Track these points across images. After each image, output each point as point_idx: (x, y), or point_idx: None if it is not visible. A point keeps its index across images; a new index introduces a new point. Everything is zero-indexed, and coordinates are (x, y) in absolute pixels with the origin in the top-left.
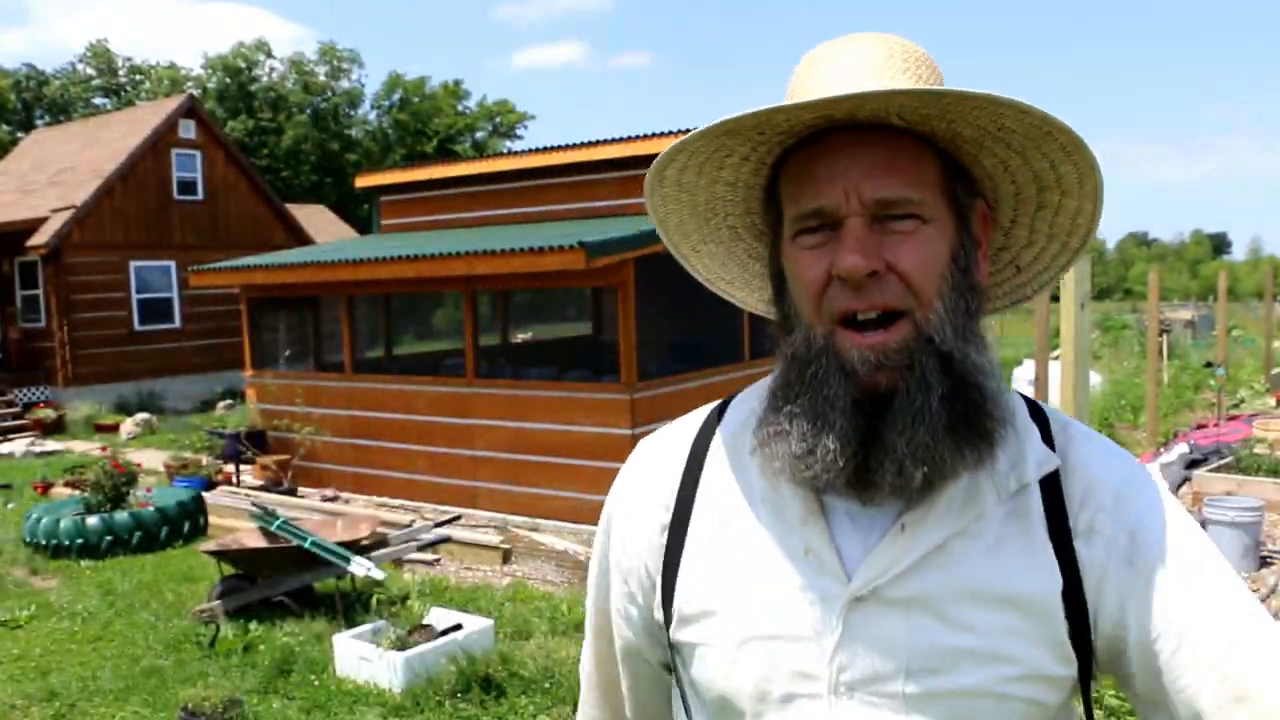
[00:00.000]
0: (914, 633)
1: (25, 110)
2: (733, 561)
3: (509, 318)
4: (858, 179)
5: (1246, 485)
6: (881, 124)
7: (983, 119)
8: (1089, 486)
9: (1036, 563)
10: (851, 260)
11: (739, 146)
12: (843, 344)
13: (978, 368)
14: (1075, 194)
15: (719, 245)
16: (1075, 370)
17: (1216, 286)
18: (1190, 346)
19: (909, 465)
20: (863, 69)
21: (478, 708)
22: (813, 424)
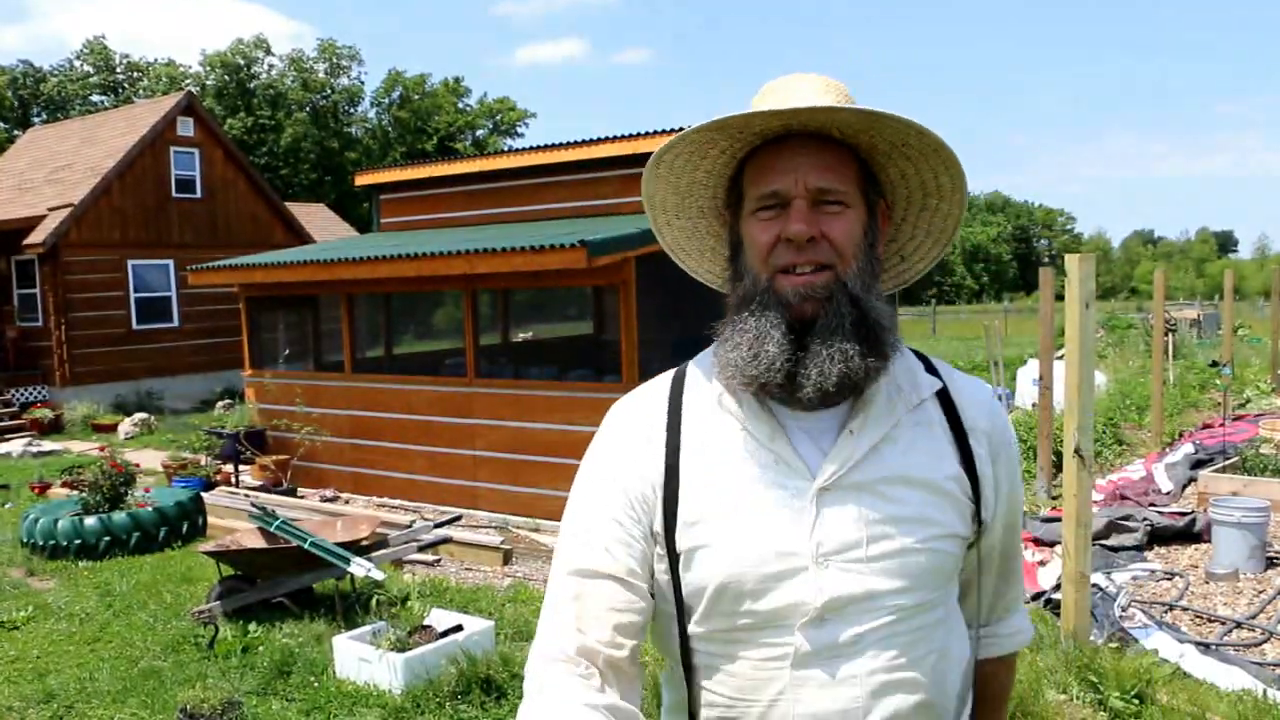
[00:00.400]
0: (867, 509)
1: (22, 108)
2: (721, 476)
3: (510, 317)
4: (805, 172)
5: (1252, 485)
6: (823, 135)
7: (894, 135)
8: (970, 402)
9: (941, 455)
10: (798, 227)
11: (722, 141)
12: (781, 285)
13: (877, 310)
14: (949, 200)
15: (688, 220)
16: (1080, 370)
17: (1222, 285)
18: (1196, 346)
19: (827, 364)
20: (813, 95)
21: (478, 709)
22: (758, 338)
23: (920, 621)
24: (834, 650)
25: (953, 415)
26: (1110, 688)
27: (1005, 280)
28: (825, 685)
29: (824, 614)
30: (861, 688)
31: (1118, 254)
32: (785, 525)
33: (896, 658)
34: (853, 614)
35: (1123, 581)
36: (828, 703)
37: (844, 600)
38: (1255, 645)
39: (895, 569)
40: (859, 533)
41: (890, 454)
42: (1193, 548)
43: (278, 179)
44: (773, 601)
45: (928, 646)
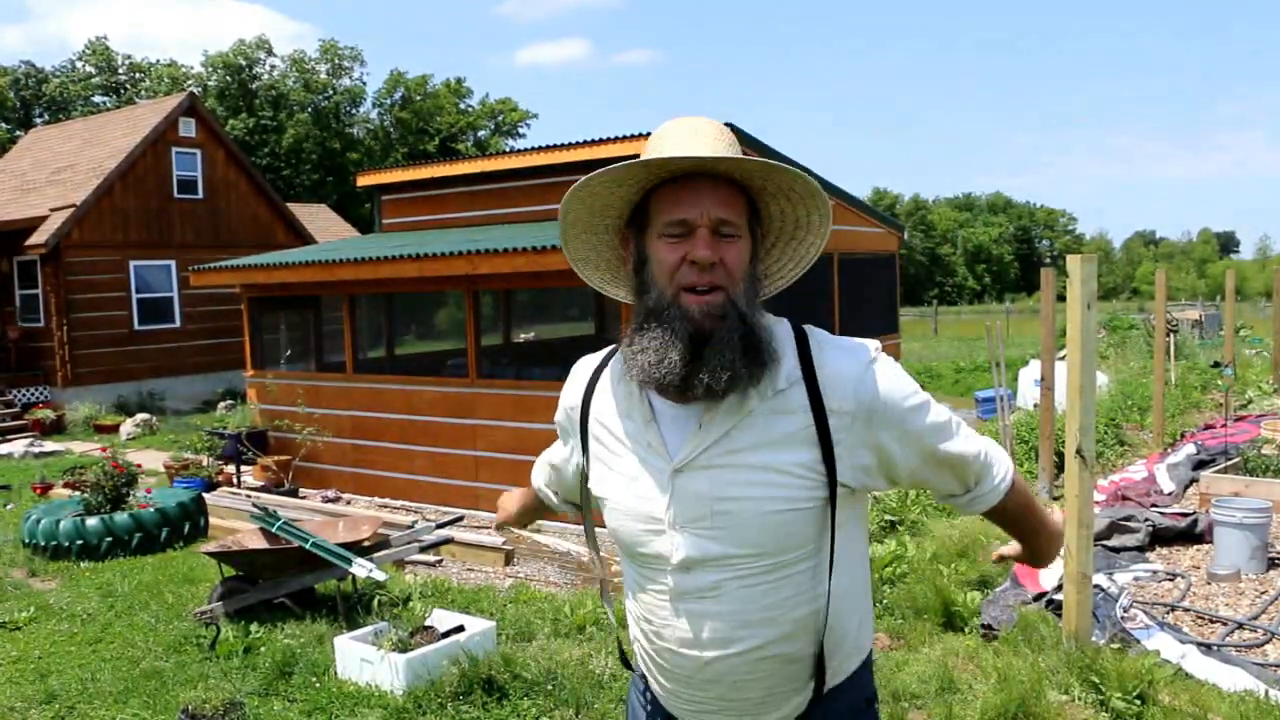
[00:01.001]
0: (712, 488)
1: (24, 108)
2: (610, 449)
3: (511, 317)
4: (709, 205)
5: (1254, 486)
6: (724, 175)
7: (783, 181)
8: (832, 384)
9: (792, 438)
10: (704, 253)
11: (640, 173)
12: (685, 302)
13: (759, 324)
14: (815, 233)
15: (593, 235)
16: (1081, 370)
17: (1224, 286)
18: (1198, 346)
19: (719, 372)
20: (711, 140)
21: (480, 710)
22: (663, 346)
23: (776, 576)
24: (699, 593)
25: (815, 399)
26: (1112, 688)
27: (1007, 281)
28: (696, 617)
29: (685, 565)
30: (725, 622)
31: (1119, 255)
32: (652, 496)
33: (754, 601)
34: (710, 568)
35: (1124, 582)
36: (699, 630)
37: (697, 559)
38: (1257, 646)
39: (738, 536)
40: (703, 507)
41: (740, 440)
42: (1194, 548)
43: (279, 180)
44: (648, 551)
45: (787, 593)
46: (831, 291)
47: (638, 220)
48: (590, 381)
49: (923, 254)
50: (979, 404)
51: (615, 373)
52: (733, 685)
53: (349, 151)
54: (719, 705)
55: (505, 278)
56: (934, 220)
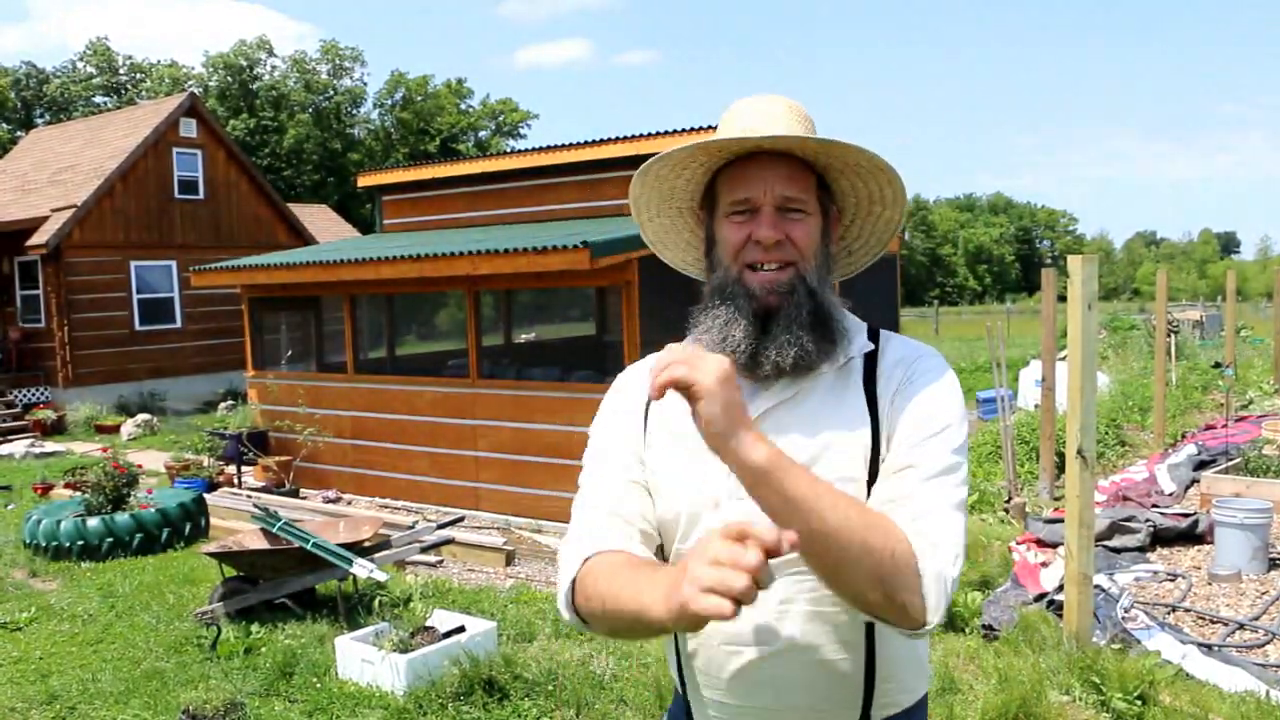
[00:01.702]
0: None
1: (25, 109)
2: (673, 425)
3: (512, 318)
4: (773, 183)
5: (1255, 487)
6: (787, 153)
7: (846, 158)
8: (892, 361)
9: (850, 407)
10: (767, 232)
11: (702, 156)
12: (748, 279)
13: (830, 301)
14: (891, 208)
15: (667, 218)
16: (1082, 371)
17: (1225, 286)
18: (1199, 347)
19: (785, 349)
20: (782, 121)
21: (481, 710)
22: (726, 324)
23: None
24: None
25: (871, 373)
26: (1113, 689)
27: (1008, 281)
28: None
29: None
30: (773, 606)
31: (1120, 255)
32: (712, 469)
33: (802, 582)
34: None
35: (1125, 583)
36: (746, 624)
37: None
38: (1258, 647)
39: None
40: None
41: (805, 404)
42: (1195, 549)
43: (280, 180)
44: (700, 531)
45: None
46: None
47: (709, 201)
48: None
49: (923, 254)
50: (980, 404)
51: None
52: (778, 692)
53: (350, 152)
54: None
55: (506, 278)
56: (935, 220)
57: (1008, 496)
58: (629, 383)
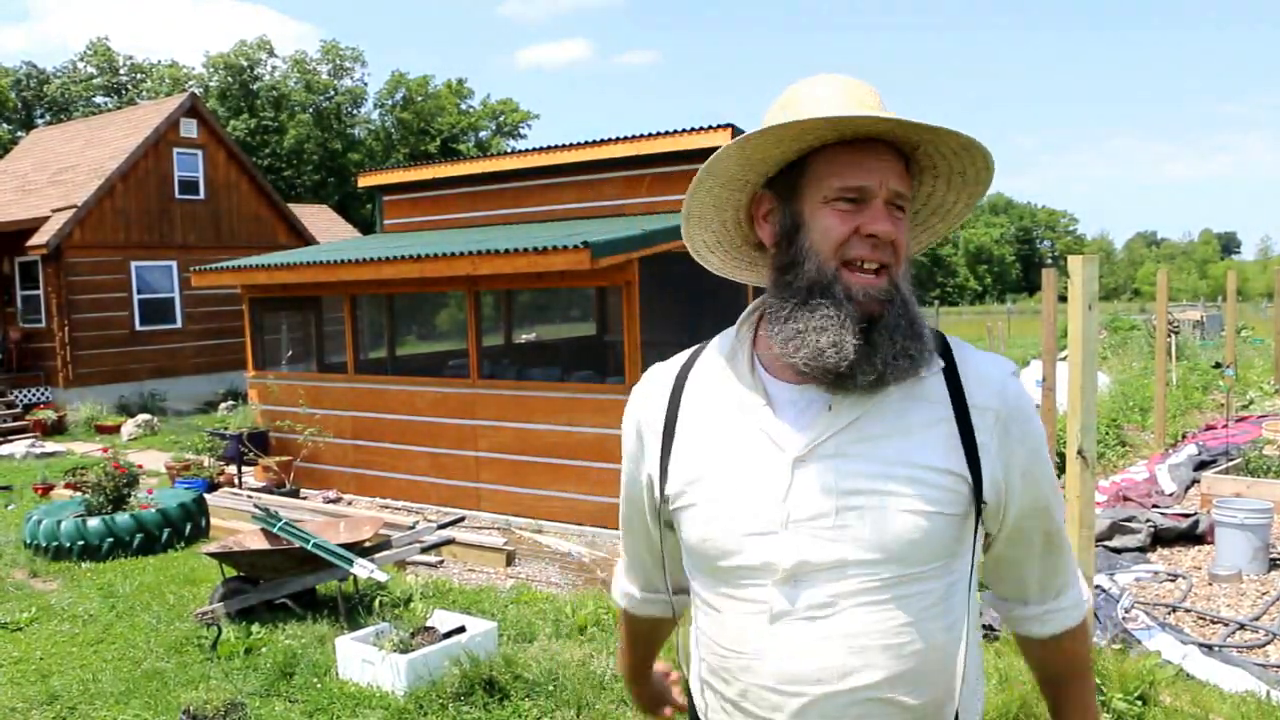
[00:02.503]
0: (839, 479)
1: (25, 109)
2: (708, 446)
3: (513, 318)
4: (887, 175)
5: (1256, 487)
6: (889, 143)
7: (958, 163)
8: (977, 379)
9: (932, 432)
10: (885, 227)
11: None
12: (848, 279)
13: (918, 309)
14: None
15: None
16: (1082, 371)
17: (1225, 287)
18: (1199, 347)
19: (893, 360)
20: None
21: (481, 711)
22: (839, 326)
23: (903, 592)
24: (809, 611)
25: (957, 392)
26: (1113, 689)
27: (1008, 282)
28: (802, 644)
29: (795, 575)
30: (838, 649)
31: (1121, 255)
32: (761, 492)
33: (874, 625)
34: (825, 578)
35: (1126, 583)
36: (804, 660)
37: (813, 565)
38: (1258, 647)
39: (866, 539)
40: (829, 502)
41: (871, 427)
42: (1196, 549)
43: (281, 180)
44: (747, 559)
45: (913, 617)
46: None
47: (784, 184)
48: (677, 384)
49: (924, 254)
50: None
51: (713, 365)
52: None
53: (350, 152)
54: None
55: (507, 278)
56: None
57: None
58: (649, 393)
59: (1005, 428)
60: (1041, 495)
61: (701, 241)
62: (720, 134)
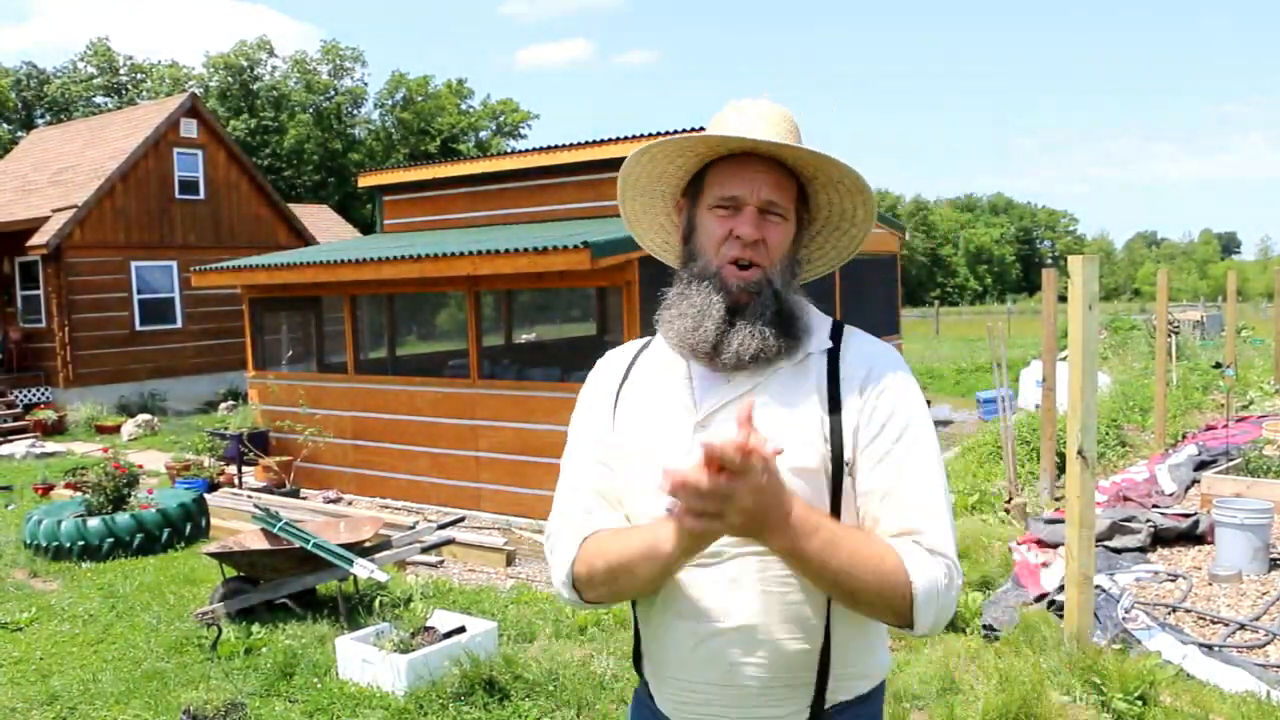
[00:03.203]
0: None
1: (26, 109)
2: (641, 407)
3: (513, 318)
4: (760, 185)
5: (1256, 487)
6: (777, 160)
7: (833, 173)
8: (854, 357)
9: (807, 401)
10: (748, 229)
11: (701, 148)
12: (727, 274)
13: (794, 302)
14: (859, 226)
15: (648, 199)
16: (1083, 371)
17: (1225, 287)
18: (1199, 347)
19: (747, 342)
20: (775, 124)
21: (481, 711)
22: (700, 313)
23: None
24: (701, 558)
25: (834, 371)
26: (1113, 689)
27: (1008, 282)
28: (705, 581)
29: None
30: (724, 592)
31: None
32: (675, 448)
33: (757, 572)
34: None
35: (1126, 583)
36: (697, 600)
37: None
38: (1258, 647)
39: None
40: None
41: (760, 397)
42: (1196, 549)
43: (281, 180)
44: (653, 511)
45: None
46: (833, 292)
47: (693, 191)
48: (630, 363)
49: (924, 254)
50: (980, 405)
51: (652, 348)
52: (730, 669)
53: (350, 152)
54: (717, 694)
55: (507, 278)
56: (935, 221)
57: (1008, 497)
58: (603, 371)
59: (863, 388)
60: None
61: (652, 243)
62: None
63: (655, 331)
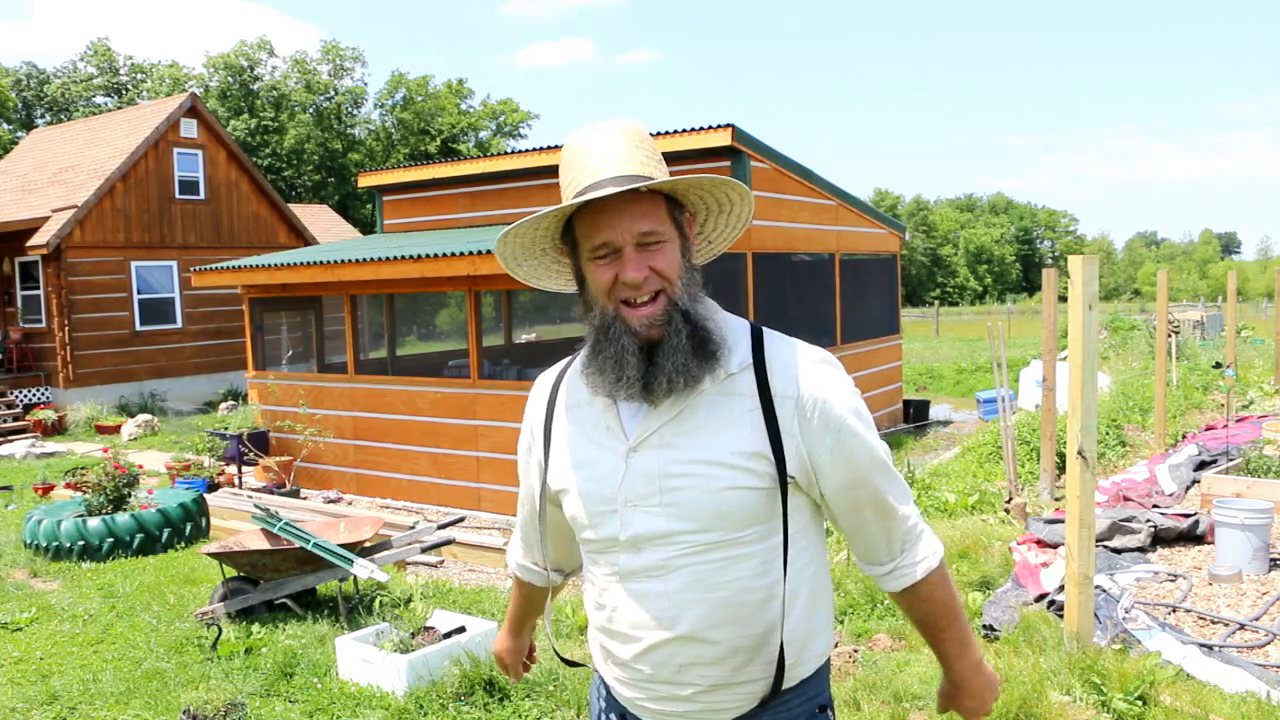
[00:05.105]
0: (662, 464)
1: (26, 109)
2: (572, 443)
3: (513, 318)
4: (629, 224)
5: (1256, 487)
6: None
7: (689, 186)
8: (780, 372)
9: (739, 420)
10: (633, 274)
11: (551, 220)
12: (627, 316)
13: (704, 316)
14: (740, 205)
15: (534, 259)
16: (1083, 371)
17: (1226, 287)
18: (1199, 347)
19: (675, 377)
20: (619, 156)
21: (481, 711)
22: (619, 364)
23: (721, 555)
24: (647, 572)
25: (763, 383)
26: (1113, 689)
27: (1008, 282)
28: (643, 597)
29: (635, 543)
30: (670, 601)
31: (1121, 255)
32: (607, 476)
33: (701, 581)
34: (657, 545)
35: (1126, 583)
36: (647, 610)
37: (646, 536)
38: (1259, 647)
39: (686, 512)
40: (654, 484)
41: (690, 420)
42: (1196, 549)
43: (281, 180)
44: (600, 533)
45: (730, 575)
46: (833, 292)
47: (570, 239)
48: (552, 393)
49: (924, 254)
50: (980, 405)
51: (574, 376)
52: (679, 670)
53: (350, 152)
54: (668, 694)
55: (507, 278)
56: (935, 221)
57: (1008, 497)
58: (532, 407)
59: (803, 412)
60: (856, 469)
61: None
62: (721, 134)
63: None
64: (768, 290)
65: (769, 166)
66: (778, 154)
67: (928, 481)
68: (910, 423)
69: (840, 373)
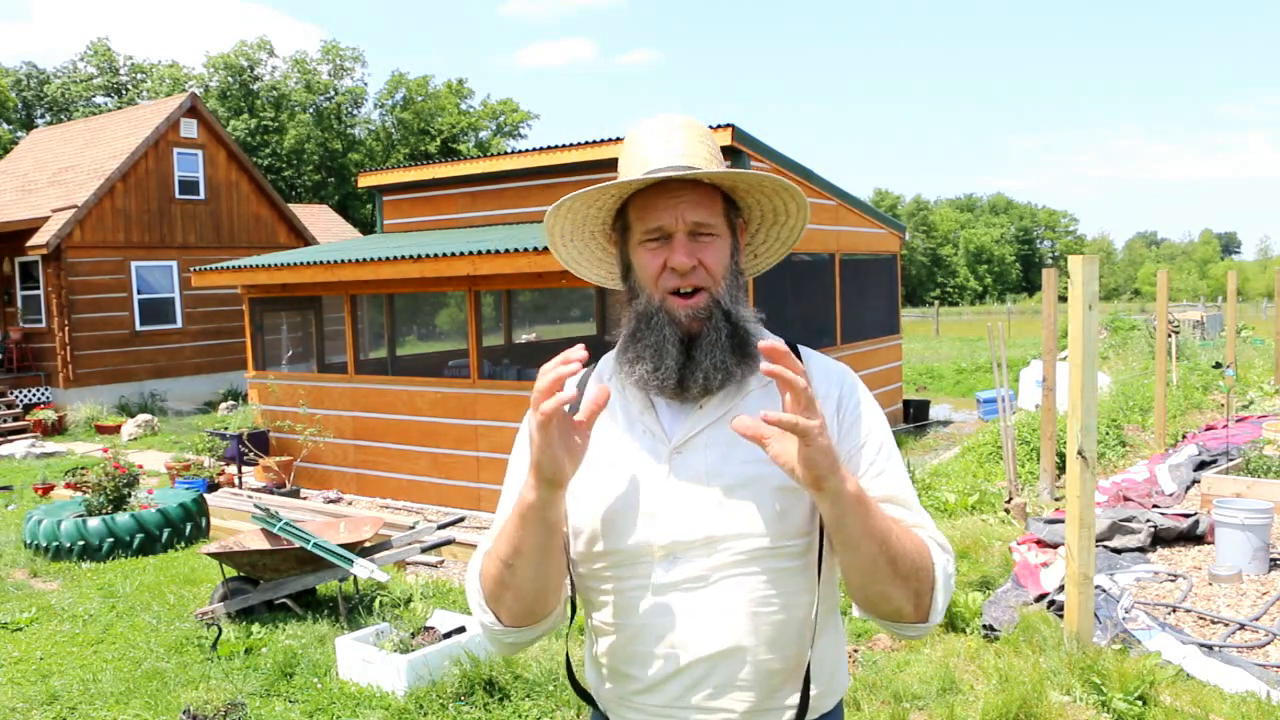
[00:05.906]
0: (712, 463)
1: (26, 109)
2: (600, 442)
3: (513, 318)
4: (683, 211)
5: (1256, 487)
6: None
7: (751, 181)
8: (824, 373)
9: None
10: (682, 259)
11: (610, 194)
12: (671, 306)
13: (744, 318)
14: (795, 218)
15: (580, 242)
16: (1083, 371)
17: (1226, 287)
18: (1199, 347)
19: (712, 374)
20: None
21: (481, 711)
22: (658, 353)
23: (766, 565)
24: (685, 584)
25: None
26: (1113, 689)
27: (1008, 282)
28: (679, 613)
29: (672, 551)
30: (711, 617)
31: (1121, 255)
32: (645, 478)
33: (743, 595)
34: (697, 554)
35: (1126, 583)
36: (682, 627)
37: (686, 543)
38: (1259, 647)
39: (732, 518)
40: (700, 487)
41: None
42: (1196, 549)
43: (281, 180)
44: (628, 542)
45: (776, 589)
46: (833, 292)
47: (620, 225)
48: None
49: (924, 254)
50: (980, 405)
51: (599, 378)
52: (713, 692)
53: (350, 152)
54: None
55: (507, 278)
56: (935, 221)
57: (1008, 497)
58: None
59: (842, 413)
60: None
61: (595, 276)
62: (721, 134)
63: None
64: (768, 290)
65: (769, 166)
66: (778, 154)
67: (928, 481)
68: (910, 423)
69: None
